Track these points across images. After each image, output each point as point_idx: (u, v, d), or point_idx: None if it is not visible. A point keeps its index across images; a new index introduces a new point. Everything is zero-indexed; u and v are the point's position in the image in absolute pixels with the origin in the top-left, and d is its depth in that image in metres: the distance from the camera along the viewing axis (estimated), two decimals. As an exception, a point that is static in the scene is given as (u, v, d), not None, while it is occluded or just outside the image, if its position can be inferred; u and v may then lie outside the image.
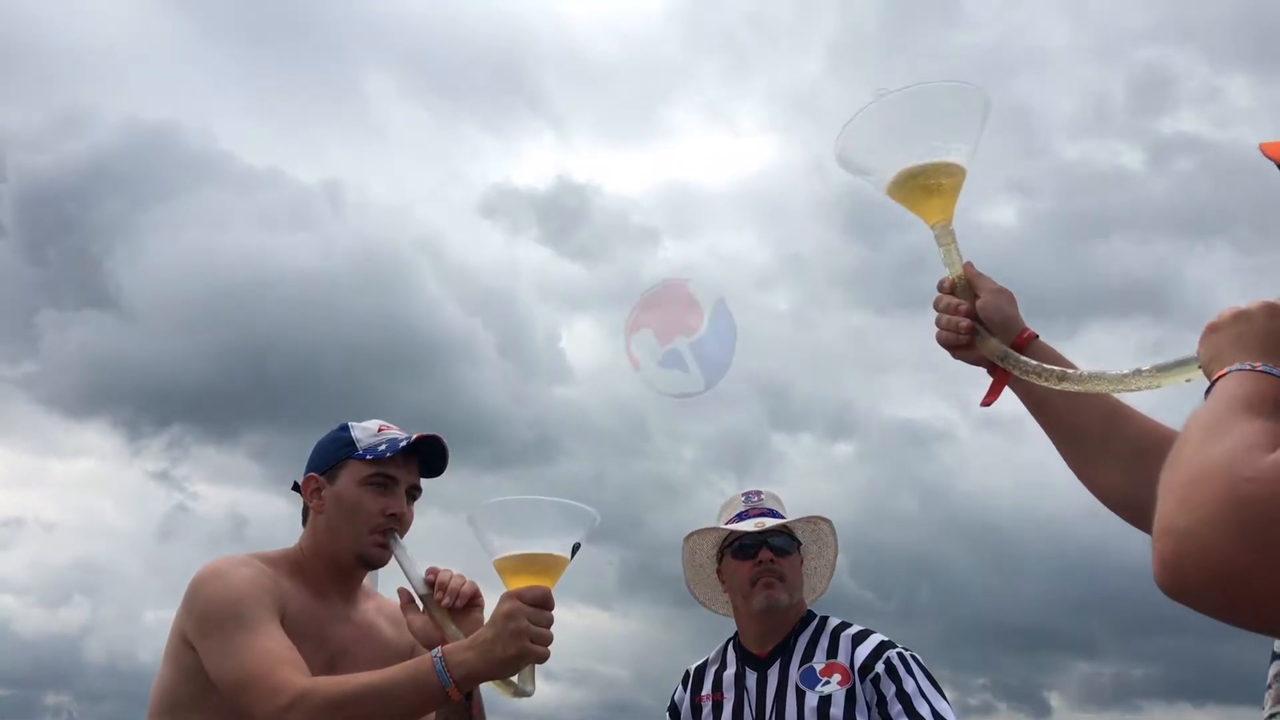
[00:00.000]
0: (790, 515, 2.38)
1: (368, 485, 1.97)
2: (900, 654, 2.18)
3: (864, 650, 2.19)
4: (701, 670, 2.42)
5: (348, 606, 2.04)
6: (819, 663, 2.18)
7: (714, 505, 2.54)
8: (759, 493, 2.40)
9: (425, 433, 2.01)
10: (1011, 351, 1.42)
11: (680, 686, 2.44)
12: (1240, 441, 0.77)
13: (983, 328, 1.46)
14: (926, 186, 1.45)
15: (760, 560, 2.26)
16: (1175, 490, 0.77)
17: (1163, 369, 1.18)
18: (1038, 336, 1.46)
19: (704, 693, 2.34)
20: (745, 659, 2.31)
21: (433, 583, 1.91)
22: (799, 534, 2.35)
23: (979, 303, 1.47)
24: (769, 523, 2.31)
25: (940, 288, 1.52)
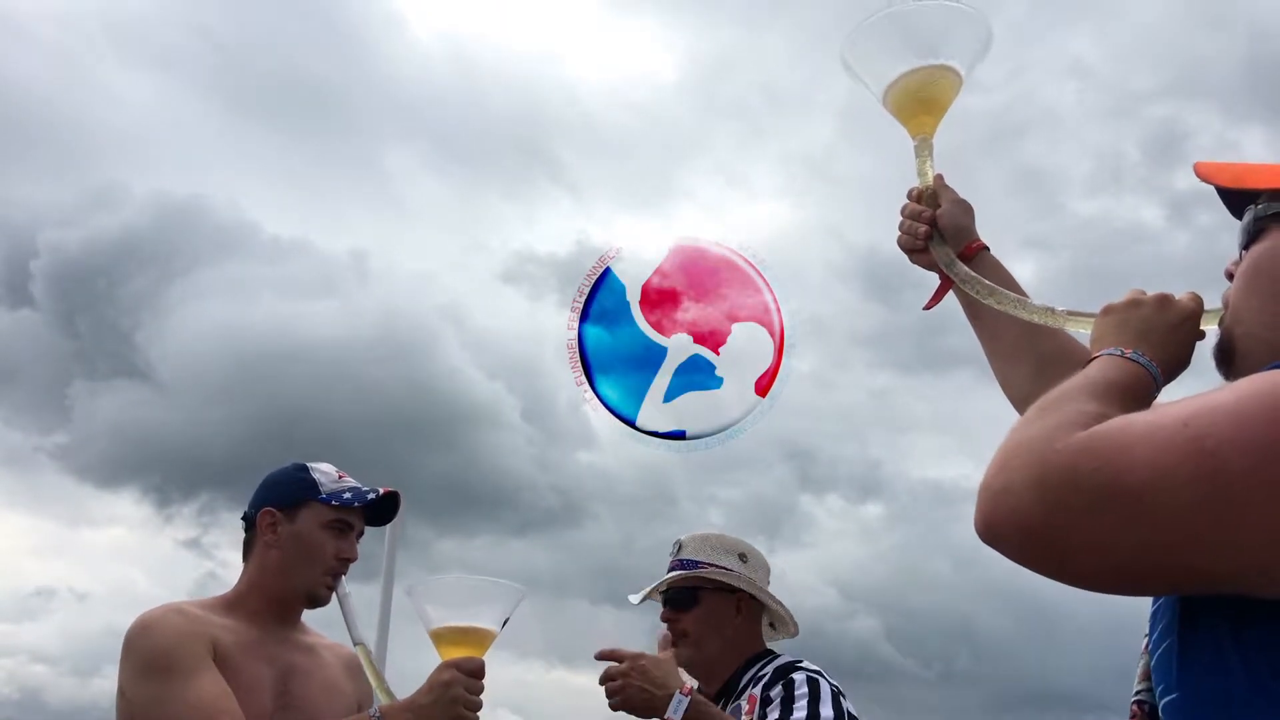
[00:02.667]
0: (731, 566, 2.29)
1: (329, 529, 2.05)
2: (809, 677, 2.08)
3: (768, 673, 2.13)
4: None
5: (289, 632, 2.09)
6: (744, 699, 2.15)
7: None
8: (679, 544, 2.36)
9: (389, 489, 2.10)
10: (956, 260, 1.52)
11: None
12: (1063, 419, 0.86)
13: (939, 235, 1.56)
14: (920, 98, 1.53)
15: (663, 619, 2.28)
16: (998, 454, 0.88)
17: (1072, 315, 1.30)
18: (987, 249, 1.56)
19: None
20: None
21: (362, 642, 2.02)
22: (732, 580, 2.26)
23: (939, 211, 1.57)
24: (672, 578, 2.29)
25: (909, 195, 1.61)
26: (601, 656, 1.97)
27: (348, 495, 2.07)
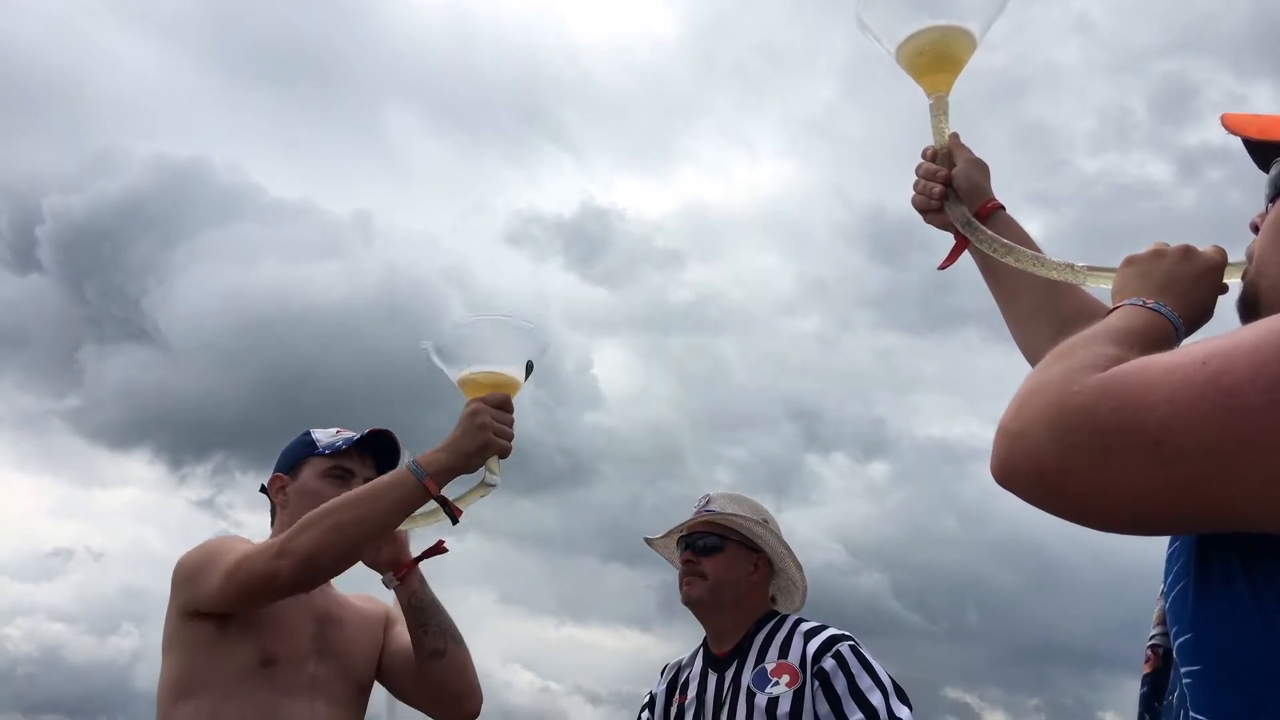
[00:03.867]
0: (778, 532, 2.38)
1: (327, 477, 2.14)
2: (853, 648, 2.14)
3: (814, 645, 2.16)
4: (678, 669, 2.45)
5: (322, 587, 2.16)
6: (771, 663, 2.18)
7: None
8: (708, 496, 2.42)
9: (377, 427, 2.18)
10: (973, 219, 1.52)
11: (660, 679, 2.47)
12: (1081, 362, 0.87)
13: (954, 194, 1.55)
14: (936, 56, 1.52)
15: (682, 560, 2.34)
16: (1015, 398, 0.89)
17: (1092, 270, 1.30)
18: (1003, 208, 1.55)
19: (675, 695, 2.38)
20: (707, 659, 2.34)
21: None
22: (755, 539, 2.34)
23: (954, 170, 1.56)
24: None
25: (923, 155, 1.60)
26: None
27: (339, 442, 2.17)
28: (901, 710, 2.05)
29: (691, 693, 2.30)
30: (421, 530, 2.15)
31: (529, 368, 1.98)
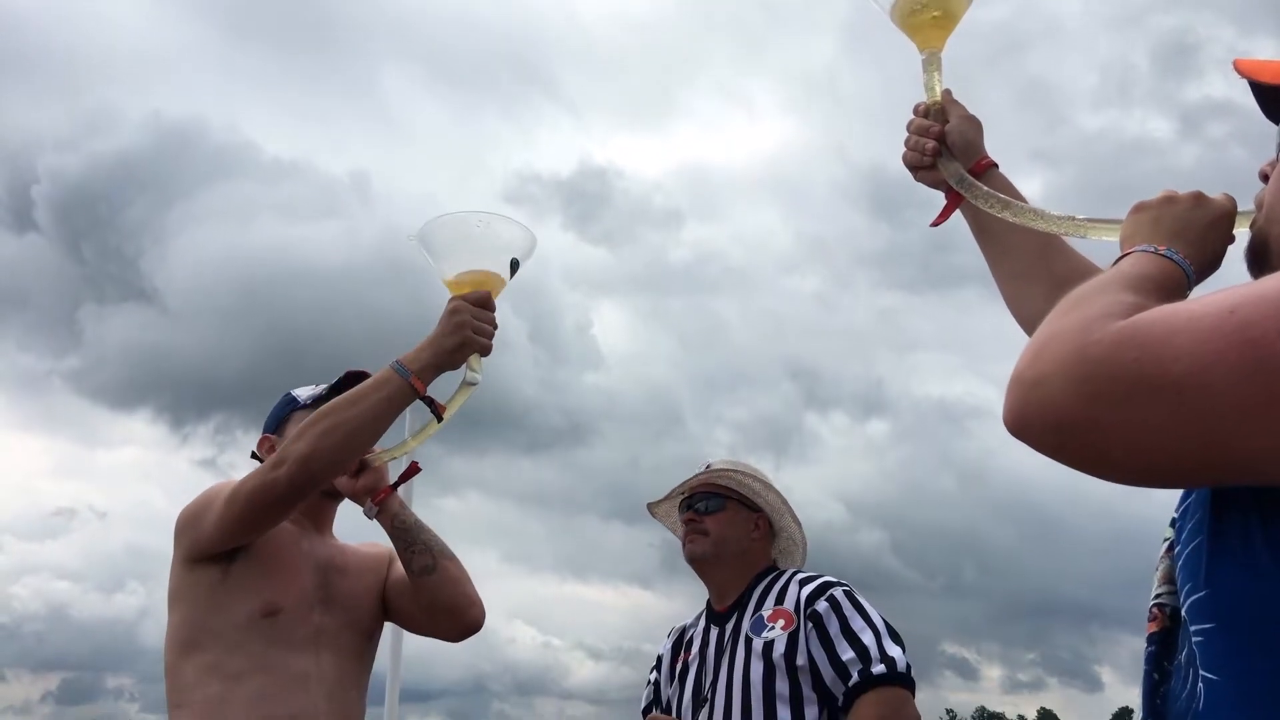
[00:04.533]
0: (771, 490, 2.40)
1: None
2: (846, 592, 2.18)
3: (808, 589, 2.19)
4: (683, 630, 2.47)
5: (323, 536, 2.21)
6: (767, 610, 2.21)
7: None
8: (709, 462, 2.45)
9: (353, 369, 2.15)
10: (967, 175, 1.50)
11: (666, 639, 2.50)
12: (1101, 310, 0.84)
13: (947, 151, 1.53)
14: (930, 11, 1.51)
15: (684, 520, 2.37)
16: (1031, 346, 0.86)
17: (1093, 222, 1.28)
18: (996, 166, 1.53)
19: (680, 653, 2.41)
20: (709, 616, 2.37)
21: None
22: (754, 497, 2.38)
23: (947, 126, 1.54)
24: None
25: (915, 111, 1.59)
26: None
27: (320, 391, 2.18)
28: (893, 649, 2.07)
29: (695, 649, 2.33)
30: (401, 461, 2.18)
31: (514, 265, 1.97)
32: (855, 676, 2.04)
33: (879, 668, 2.04)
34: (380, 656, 2.25)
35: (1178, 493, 0.96)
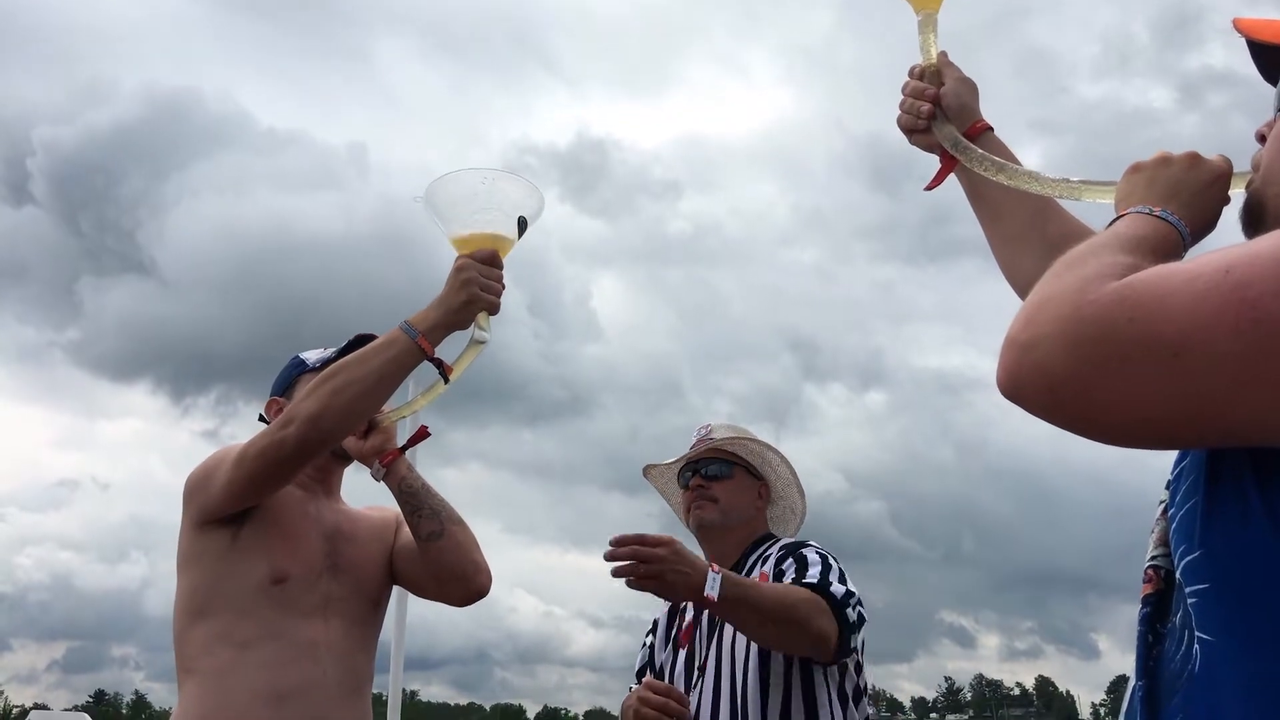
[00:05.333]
0: (774, 458, 2.39)
1: None
2: (817, 549, 2.18)
3: (783, 550, 2.22)
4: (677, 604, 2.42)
5: (331, 499, 2.21)
6: (755, 574, 2.22)
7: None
8: (708, 426, 2.42)
9: (362, 333, 2.14)
10: (962, 138, 1.49)
11: (663, 605, 2.45)
12: (1096, 271, 0.84)
13: (942, 114, 1.52)
14: None
15: (692, 487, 2.34)
16: (1025, 308, 0.85)
17: (1088, 184, 1.27)
18: (991, 129, 1.52)
19: (675, 619, 2.39)
20: None
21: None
22: (757, 465, 2.38)
23: (942, 89, 1.53)
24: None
25: (910, 73, 1.57)
26: (627, 541, 1.91)
27: (328, 354, 2.18)
28: (837, 587, 2.05)
29: (689, 615, 2.33)
30: (410, 426, 2.17)
31: (521, 225, 1.94)
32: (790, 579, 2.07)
33: (811, 578, 2.05)
34: (385, 625, 2.26)
35: (1172, 458, 0.96)
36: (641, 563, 1.88)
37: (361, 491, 2.27)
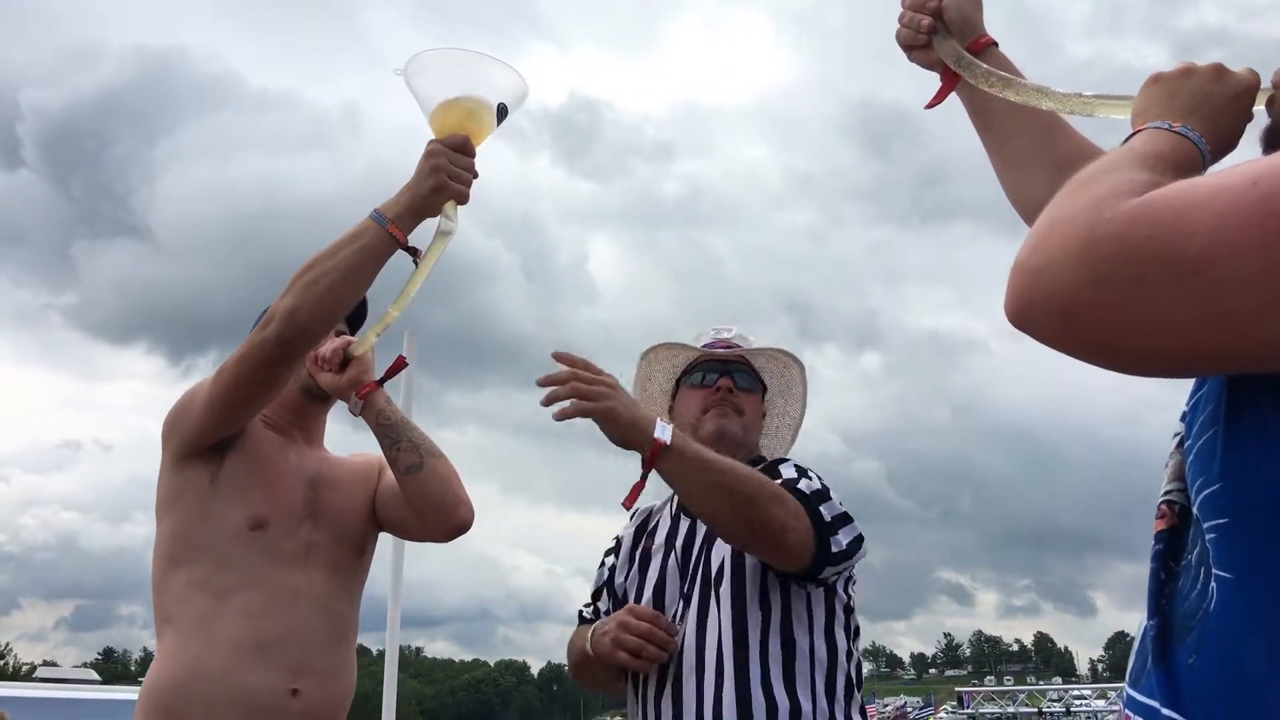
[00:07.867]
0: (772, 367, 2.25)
1: None
2: (796, 465, 2.00)
3: (765, 467, 2.00)
4: (648, 514, 2.23)
5: (312, 446, 2.18)
6: None
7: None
8: (730, 329, 2.24)
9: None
10: (965, 53, 1.42)
11: (630, 521, 2.24)
12: (1112, 188, 0.79)
13: (944, 28, 1.46)
14: None
15: (719, 388, 2.12)
16: (1035, 231, 0.81)
17: (1102, 98, 1.21)
18: (996, 44, 1.46)
19: (642, 539, 2.15)
20: (682, 506, 2.10)
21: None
22: (769, 385, 2.23)
23: (944, 2, 1.47)
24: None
25: None
26: (576, 362, 1.75)
27: None
28: (806, 483, 1.88)
29: (660, 538, 2.11)
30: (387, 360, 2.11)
31: (501, 112, 1.87)
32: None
33: (787, 477, 1.89)
34: (382, 582, 2.22)
35: (1180, 404, 0.92)
36: (582, 382, 1.70)
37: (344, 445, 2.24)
